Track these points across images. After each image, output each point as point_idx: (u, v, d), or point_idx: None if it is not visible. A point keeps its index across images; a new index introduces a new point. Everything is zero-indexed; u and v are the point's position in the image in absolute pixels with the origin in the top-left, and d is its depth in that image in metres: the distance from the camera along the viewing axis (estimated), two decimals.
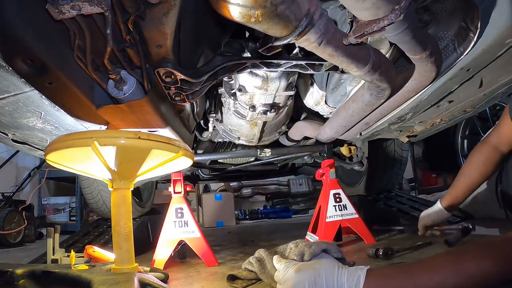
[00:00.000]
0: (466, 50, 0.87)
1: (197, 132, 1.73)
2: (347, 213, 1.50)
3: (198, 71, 0.89)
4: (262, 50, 0.77)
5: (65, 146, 0.74)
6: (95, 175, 0.90)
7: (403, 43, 0.76)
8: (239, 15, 0.59)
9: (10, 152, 3.76)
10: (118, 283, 0.71)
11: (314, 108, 1.49)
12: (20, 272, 0.89)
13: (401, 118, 1.32)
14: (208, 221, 3.99)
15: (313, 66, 1.01)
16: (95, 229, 2.01)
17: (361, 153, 2.03)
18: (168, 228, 1.40)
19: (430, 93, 1.08)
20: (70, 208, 4.26)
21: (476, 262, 0.63)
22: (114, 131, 0.96)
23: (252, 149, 1.76)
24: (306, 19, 0.64)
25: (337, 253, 0.83)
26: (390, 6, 0.61)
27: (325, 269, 0.70)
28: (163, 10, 0.68)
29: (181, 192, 1.46)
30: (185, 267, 1.37)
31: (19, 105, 0.80)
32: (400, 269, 0.68)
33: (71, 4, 0.60)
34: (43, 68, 0.69)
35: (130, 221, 0.86)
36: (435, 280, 0.62)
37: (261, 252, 0.96)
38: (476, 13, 0.82)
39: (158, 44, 0.77)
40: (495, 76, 1.02)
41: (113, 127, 0.98)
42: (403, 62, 1.00)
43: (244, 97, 1.27)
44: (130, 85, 0.83)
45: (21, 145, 1.03)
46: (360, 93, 1.05)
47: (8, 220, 2.97)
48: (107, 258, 1.25)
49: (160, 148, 0.80)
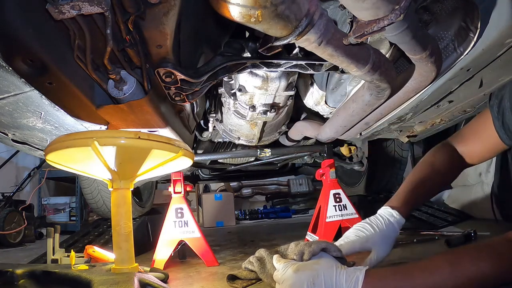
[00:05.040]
0: (466, 50, 0.87)
1: (197, 132, 1.73)
2: (347, 213, 1.50)
3: (198, 71, 0.89)
4: (262, 50, 0.77)
5: (65, 146, 0.74)
6: (95, 175, 0.90)
7: (403, 43, 0.76)
8: (239, 15, 0.59)
9: (10, 152, 3.76)
10: (118, 283, 0.71)
11: (314, 108, 1.49)
12: (20, 272, 0.89)
13: (401, 118, 1.32)
14: (208, 221, 3.99)
15: (313, 66, 1.01)
16: (95, 229, 2.01)
17: (361, 153, 2.03)
18: (168, 228, 1.40)
19: (430, 93, 1.08)
20: (70, 208, 4.26)
21: (474, 263, 0.63)
22: (114, 131, 0.96)
23: (252, 149, 1.76)
24: (306, 19, 0.63)
25: (336, 252, 0.83)
26: (390, 6, 0.61)
27: (323, 270, 0.70)
28: (163, 10, 0.68)
29: (181, 192, 1.46)
30: (185, 267, 1.37)
31: (19, 105, 0.80)
32: (399, 270, 0.68)
33: (71, 4, 0.60)
34: (43, 68, 0.69)
35: (130, 221, 0.86)
36: (433, 281, 0.62)
37: (262, 251, 0.97)
38: (476, 13, 0.82)
39: (158, 44, 0.77)
40: (495, 76, 1.02)
41: (113, 127, 0.98)
42: (403, 62, 1.00)
43: (244, 97, 1.27)
44: (130, 85, 0.83)
45: (21, 145, 1.03)
46: (360, 93, 1.05)
47: (8, 220, 2.97)
48: (107, 258, 1.25)
49: (160, 148, 0.80)
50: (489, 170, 1.89)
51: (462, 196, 2.06)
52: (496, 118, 0.96)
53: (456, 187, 2.24)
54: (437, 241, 1.36)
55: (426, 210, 1.97)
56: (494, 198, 1.73)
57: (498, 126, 0.96)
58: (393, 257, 1.17)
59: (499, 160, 1.75)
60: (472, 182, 2.03)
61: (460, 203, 2.06)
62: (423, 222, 1.80)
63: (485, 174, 1.93)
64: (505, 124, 0.94)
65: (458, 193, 2.15)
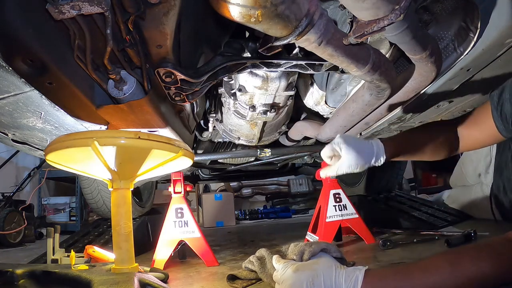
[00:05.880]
0: (466, 50, 0.87)
1: (197, 132, 1.73)
2: (347, 213, 1.50)
3: (198, 71, 0.89)
4: (262, 50, 0.77)
5: (65, 146, 0.74)
6: (95, 175, 0.90)
7: (403, 43, 0.76)
8: (239, 15, 0.59)
9: (10, 152, 3.76)
10: (118, 283, 0.71)
11: (314, 108, 1.49)
12: (20, 272, 0.89)
13: (401, 118, 1.32)
14: (208, 221, 3.99)
15: (313, 66, 1.01)
16: (95, 229, 2.01)
17: None
18: (168, 228, 1.40)
19: (430, 93, 1.08)
20: (70, 208, 4.25)
21: (474, 263, 0.63)
22: (114, 131, 0.96)
23: (252, 149, 1.76)
24: (306, 19, 0.64)
25: (336, 252, 0.83)
26: (390, 6, 0.61)
27: (323, 270, 0.70)
28: (163, 10, 0.68)
29: (181, 192, 1.46)
30: (185, 267, 1.37)
31: (19, 105, 0.80)
32: (398, 270, 0.68)
33: (71, 4, 0.60)
34: (43, 68, 0.69)
35: (130, 221, 0.86)
36: (433, 281, 0.62)
37: (263, 251, 0.97)
38: (476, 13, 0.82)
39: (158, 44, 0.77)
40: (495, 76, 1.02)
41: (113, 127, 0.98)
42: (403, 62, 1.01)
43: (244, 97, 1.27)
44: (130, 85, 0.83)
45: (21, 145, 1.03)
46: (360, 93, 1.05)
47: (8, 220, 2.97)
48: (107, 258, 1.25)
49: (160, 148, 0.80)
50: (488, 171, 1.89)
51: (462, 197, 2.06)
52: (495, 108, 0.97)
53: (455, 188, 2.25)
54: (437, 241, 1.36)
55: (426, 210, 1.97)
56: (494, 199, 1.73)
57: (496, 117, 0.97)
58: (393, 257, 1.17)
59: (497, 161, 1.75)
60: (472, 183, 2.03)
61: (460, 204, 2.06)
62: (423, 222, 1.80)
63: (484, 175, 1.93)
64: (503, 114, 0.95)
65: (457, 193, 2.15)
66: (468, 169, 2.05)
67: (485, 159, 1.93)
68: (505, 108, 0.94)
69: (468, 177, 2.05)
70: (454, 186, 2.27)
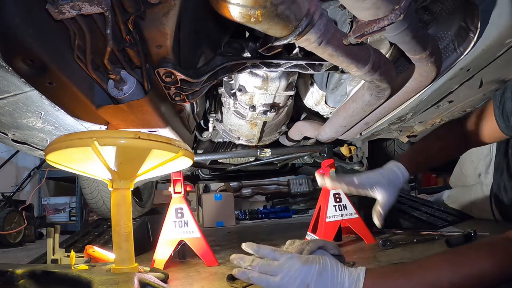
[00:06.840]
0: (466, 50, 0.87)
1: (197, 132, 1.73)
2: (347, 213, 1.50)
3: (198, 71, 0.89)
4: (262, 50, 0.77)
5: (65, 146, 0.74)
6: (95, 175, 0.90)
7: (403, 43, 0.76)
8: (239, 15, 0.59)
9: (10, 152, 3.76)
10: (118, 283, 0.71)
11: (314, 108, 1.49)
12: (20, 272, 0.89)
13: (401, 118, 1.32)
14: (208, 221, 3.99)
15: (313, 66, 1.01)
16: (95, 229, 2.01)
17: (361, 153, 2.03)
18: (168, 228, 1.40)
19: (430, 93, 1.08)
20: (70, 208, 4.26)
21: (474, 262, 0.63)
22: (114, 131, 0.96)
23: (252, 149, 1.76)
24: (306, 19, 0.64)
25: (333, 250, 0.83)
26: (390, 6, 0.61)
27: (330, 264, 0.70)
28: (163, 10, 0.68)
29: (181, 192, 1.46)
30: (185, 267, 1.37)
31: (19, 105, 0.80)
32: (398, 269, 0.68)
33: (71, 4, 0.60)
34: (43, 68, 0.69)
35: (130, 221, 0.86)
36: (432, 279, 0.62)
37: None
38: (476, 13, 0.82)
39: (158, 44, 0.77)
40: (495, 76, 1.02)
41: (113, 127, 0.98)
42: (403, 62, 1.01)
43: (244, 97, 1.27)
44: (130, 85, 0.83)
45: (21, 145, 1.03)
46: (360, 93, 1.05)
47: (8, 220, 2.97)
48: (107, 258, 1.25)
49: (160, 148, 0.80)
50: (488, 171, 1.89)
51: (462, 197, 2.06)
52: (497, 107, 0.97)
53: (455, 188, 2.24)
54: (437, 241, 1.36)
55: (426, 210, 1.97)
56: (494, 199, 1.73)
57: (497, 115, 0.97)
58: (393, 257, 1.17)
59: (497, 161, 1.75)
60: (472, 183, 2.03)
61: (460, 203, 2.06)
62: (423, 222, 1.80)
63: (484, 175, 1.93)
64: (505, 113, 0.95)
65: (457, 193, 2.15)
66: (468, 169, 2.05)
67: (485, 159, 1.92)
68: (507, 106, 0.94)
69: (468, 177, 2.05)
70: (454, 186, 2.27)
